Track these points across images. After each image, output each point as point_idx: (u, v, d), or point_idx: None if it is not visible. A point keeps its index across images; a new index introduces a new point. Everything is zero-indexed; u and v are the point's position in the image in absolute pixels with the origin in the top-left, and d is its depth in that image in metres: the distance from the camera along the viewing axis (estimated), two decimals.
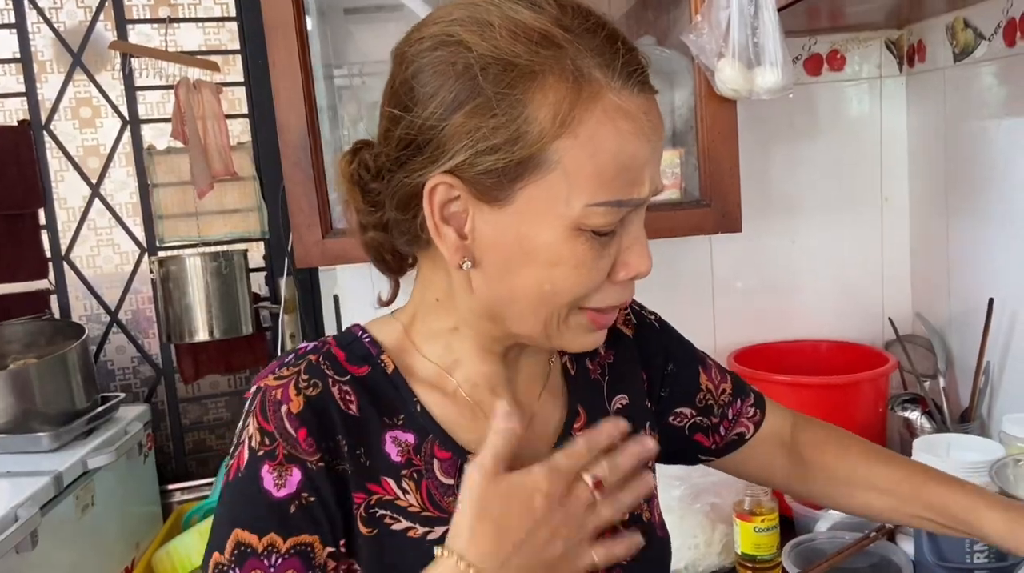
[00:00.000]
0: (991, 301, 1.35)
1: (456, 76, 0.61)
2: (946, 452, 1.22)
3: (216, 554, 0.64)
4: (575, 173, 0.61)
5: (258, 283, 2.90)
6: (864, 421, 1.40)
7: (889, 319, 1.57)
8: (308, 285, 2.29)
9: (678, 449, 0.89)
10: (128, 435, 2.38)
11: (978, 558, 1.12)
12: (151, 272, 2.67)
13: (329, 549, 0.65)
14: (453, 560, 0.60)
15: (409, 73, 0.64)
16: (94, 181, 2.80)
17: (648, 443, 0.66)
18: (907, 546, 1.21)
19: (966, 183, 1.45)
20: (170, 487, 2.71)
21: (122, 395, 2.49)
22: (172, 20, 2.77)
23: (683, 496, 1.32)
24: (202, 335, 2.63)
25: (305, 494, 0.65)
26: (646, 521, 0.79)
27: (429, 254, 0.71)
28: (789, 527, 1.30)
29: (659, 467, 1.32)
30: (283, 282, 2.17)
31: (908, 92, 1.62)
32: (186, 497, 2.69)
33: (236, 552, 0.63)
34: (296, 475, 0.65)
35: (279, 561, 0.63)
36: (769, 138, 1.62)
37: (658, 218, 1.35)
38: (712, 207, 1.35)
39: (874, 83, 1.62)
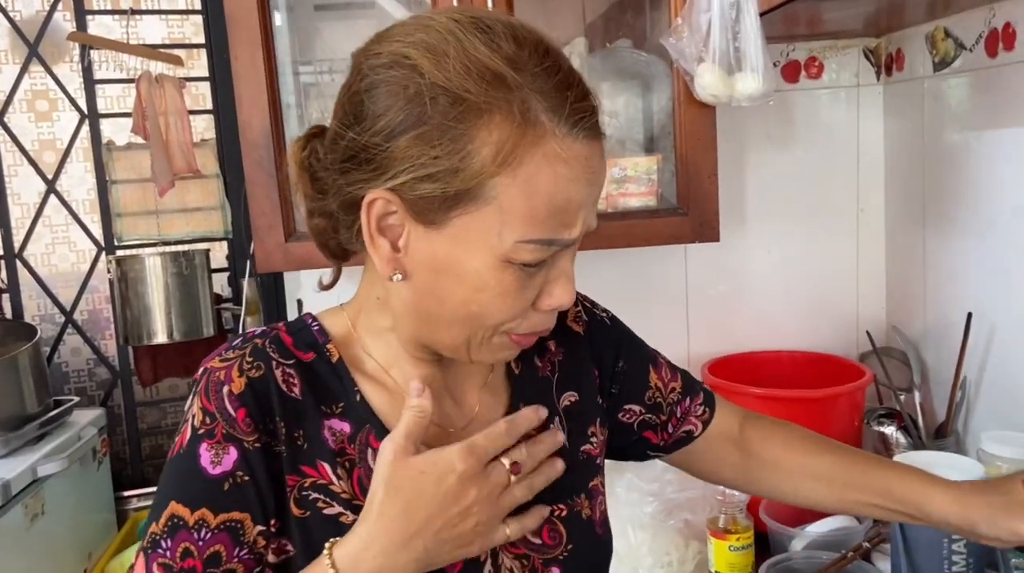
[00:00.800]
0: (969, 315, 1.34)
1: (407, 100, 0.63)
2: None
3: (152, 525, 0.67)
4: (509, 210, 0.63)
5: (220, 284, 2.84)
6: (839, 435, 1.35)
7: (867, 332, 1.55)
8: (272, 287, 2.23)
9: (627, 445, 0.90)
10: (81, 441, 2.31)
11: None
12: (108, 271, 2.60)
13: (259, 528, 0.67)
14: (326, 563, 0.64)
15: (363, 86, 0.66)
16: (50, 176, 2.72)
17: (559, 436, 0.73)
18: (884, 565, 1.19)
19: (943, 195, 1.44)
20: (126, 494, 2.64)
21: (76, 399, 2.43)
22: (134, 12, 2.69)
23: (656, 512, 1.29)
24: (161, 337, 2.56)
25: (240, 473, 0.67)
26: (586, 518, 0.80)
27: None
28: (764, 545, 1.27)
29: (636, 483, 1.31)
30: (246, 283, 2.11)
31: (885, 101, 1.60)
32: (142, 504, 2.62)
33: (169, 524, 0.66)
34: (232, 454, 0.67)
35: (208, 535, 0.66)
36: (744, 145, 1.59)
37: (634, 226, 1.32)
38: (689, 215, 1.32)
39: (851, 91, 1.60)
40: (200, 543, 0.65)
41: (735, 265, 1.63)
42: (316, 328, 0.75)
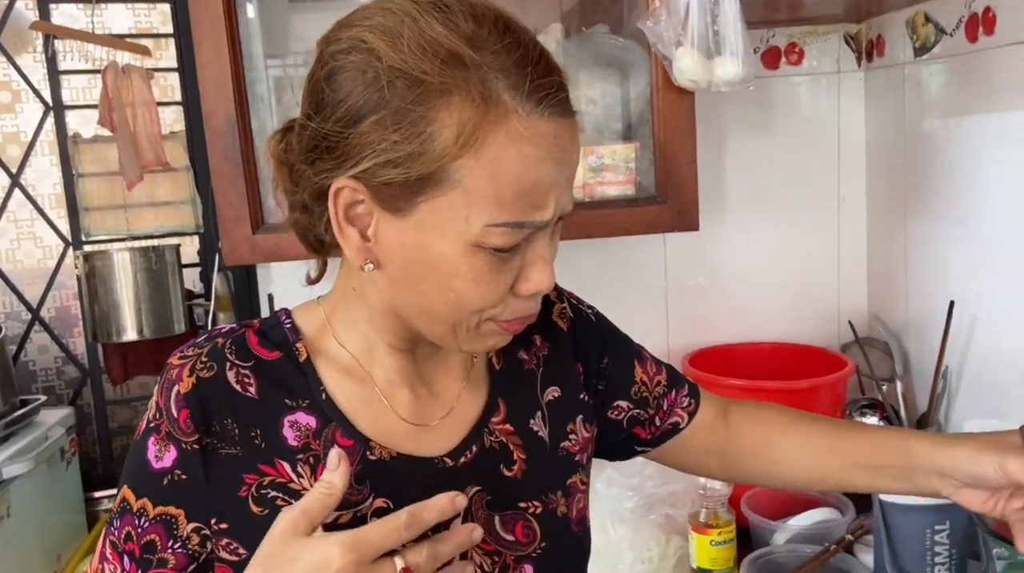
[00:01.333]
0: (951, 304, 1.32)
1: (365, 85, 0.62)
2: None
3: (115, 503, 0.70)
4: (475, 193, 0.61)
5: (192, 279, 2.78)
6: None
7: (849, 322, 1.53)
8: (244, 282, 2.18)
9: (616, 443, 0.89)
10: (49, 441, 2.26)
11: (939, 571, 1.09)
12: (76, 267, 2.54)
13: (195, 524, 0.68)
14: None
15: (323, 74, 0.65)
16: (14, 170, 2.66)
17: (476, 533, 0.63)
18: (866, 557, 1.17)
19: (925, 182, 1.42)
20: (96, 494, 2.58)
21: (43, 398, 2.37)
22: (99, 0, 2.62)
23: (636, 507, 1.27)
24: (131, 334, 2.51)
25: (178, 472, 0.68)
26: (561, 516, 0.79)
27: None
28: (746, 539, 1.25)
29: (615, 477, 1.28)
30: (215, 278, 2.06)
31: (866, 87, 1.58)
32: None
33: (121, 505, 0.69)
34: (172, 452, 0.68)
35: (146, 524, 0.68)
36: (723, 132, 1.57)
37: (612, 215, 1.29)
38: (668, 204, 1.29)
39: (832, 78, 1.58)
40: (139, 530, 0.68)
41: (715, 254, 1.61)
42: (288, 326, 0.74)
